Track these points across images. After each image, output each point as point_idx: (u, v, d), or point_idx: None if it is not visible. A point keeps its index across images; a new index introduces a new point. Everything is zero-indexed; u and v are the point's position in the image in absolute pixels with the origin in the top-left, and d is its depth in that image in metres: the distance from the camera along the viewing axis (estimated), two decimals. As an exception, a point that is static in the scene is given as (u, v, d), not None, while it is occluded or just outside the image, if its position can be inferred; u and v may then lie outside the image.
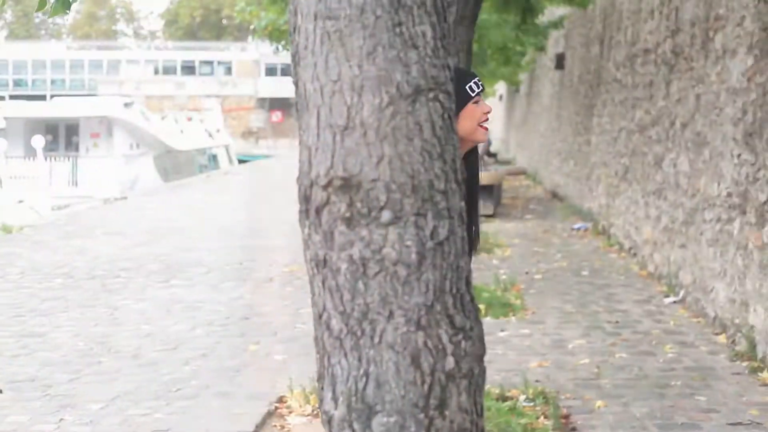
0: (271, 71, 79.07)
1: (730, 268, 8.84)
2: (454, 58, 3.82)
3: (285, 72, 75.79)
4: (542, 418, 6.52)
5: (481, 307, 9.89)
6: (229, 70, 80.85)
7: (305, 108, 1.44)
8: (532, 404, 6.83)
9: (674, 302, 10.48)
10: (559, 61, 22.76)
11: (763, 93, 8.14)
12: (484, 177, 18.95)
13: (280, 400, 7.11)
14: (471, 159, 3.67)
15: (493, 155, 28.01)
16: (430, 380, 1.43)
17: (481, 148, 22.71)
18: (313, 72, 1.42)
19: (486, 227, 17.05)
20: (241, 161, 52.15)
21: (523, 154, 34.74)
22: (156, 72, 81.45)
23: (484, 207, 19.18)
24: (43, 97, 63.07)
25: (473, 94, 3.57)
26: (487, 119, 3.65)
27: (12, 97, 66.81)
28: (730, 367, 7.86)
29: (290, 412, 6.87)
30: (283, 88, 73.41)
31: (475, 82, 3.62)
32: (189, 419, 6.73)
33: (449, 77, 1.46)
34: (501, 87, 44.42)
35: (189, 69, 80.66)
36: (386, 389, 1.43)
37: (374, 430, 1.44)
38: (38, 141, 29.67)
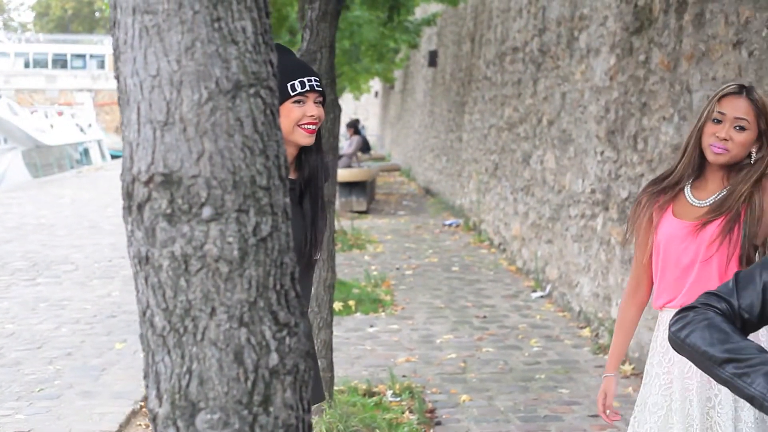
0: (145, 66, 77.63)
1: (594, 263, 9.03)
2: (309, 51, 3.77)
3: (159, 66, 74.51)
4: (408, 412, 6.56)
5: (351, 303, 9.93)
6: (102, 64, 79.26)
7: (126, 103, 1.44)
8: (398, 399, 6.87)
9: (541, 297, 10.66)
10: (432, 59, 22.94)
11: (624, 91, 8.33)
12: (358, 174, 19.01)
13: (146, 398, 7.03)
14: (310, 161, 3.51)
15: (368, 151, 28.09)
16: (253, 377, 1.44)
17: (354, 145, 22.70)
18: (132, 67, 1.42)
19: (359, 223, 17.11)
20: (113, 156, 51.27)
21: (398, 151, 34.93)
22: (26, 65, 79.45)
23: (358, 203, 19.25)
24: None
25: (293, 93, 3.38)
26: (313, 123, 3.42)
27: None
28: (593, 360, 8.03)
29: (155, 411, 6.80)
30: (157, 82, 72.15)
31: (301, 81, 3.40)
32: (52, 419, 6.61)
33: (272, 73, 1.47)
34: (376, 84, 44.59)
35: (61, 62, 78.90)
36: (209, 386, 1.43)
37: (198, 428, 1.44)
38: None
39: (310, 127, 3.43)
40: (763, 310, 2.41)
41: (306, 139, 3.43)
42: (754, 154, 3.51)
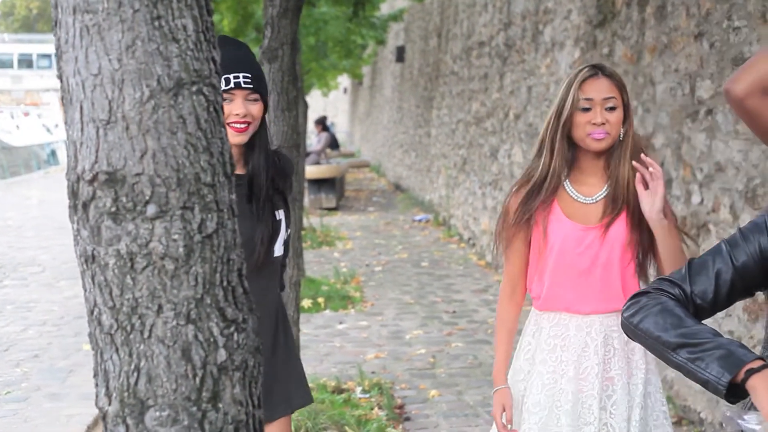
0: (112, 65, 77.29)
1: (561, 255, 9.05)
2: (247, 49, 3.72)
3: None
4: (377, 408, 6.56)
5: (320, 300, 9.92)
6: (68, 64, 78.79)
7: (69, 102, 1.44)
8: (367, 395, 6.87)
9: (510, 291, 10.66)
10: (400, 54, 22.96)
11: (588, 85, 8.35)
12: (327, 170, 18.99)
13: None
14: (252, 160, 3.43)
15: (336, 148, 28.05)
16: (201, 373, 1.44)
17: (323, 141, 22.66)
18: (74, 66, 1.42)
19: (328, 220, 17.11)
20: (82, 157, 50.96)
21: (367, 147, 34.93)
22: (-8, 66, 79.05)
23: (327, 200, 19.23)
24: None
25: None
26: (240, 122, 3.33)
27: None
28: (561, 352, 8.05)
29: (123, 411, 6.77)
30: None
31: (226, 78, 3.29)
32: (19, 422, 6.58)
33: (214, 71, 1.47)
34: (345, 80, 44.55)
35: (26, 62, 78.51)
36: (158, 383, 1.43)
37: (147, 425, 1.45)
38: None
39: (238, 125, 3.34)
40: (716, 297, 2.42)
41: (235, 138, 3.34)
42: (621, 131, 3.38)
